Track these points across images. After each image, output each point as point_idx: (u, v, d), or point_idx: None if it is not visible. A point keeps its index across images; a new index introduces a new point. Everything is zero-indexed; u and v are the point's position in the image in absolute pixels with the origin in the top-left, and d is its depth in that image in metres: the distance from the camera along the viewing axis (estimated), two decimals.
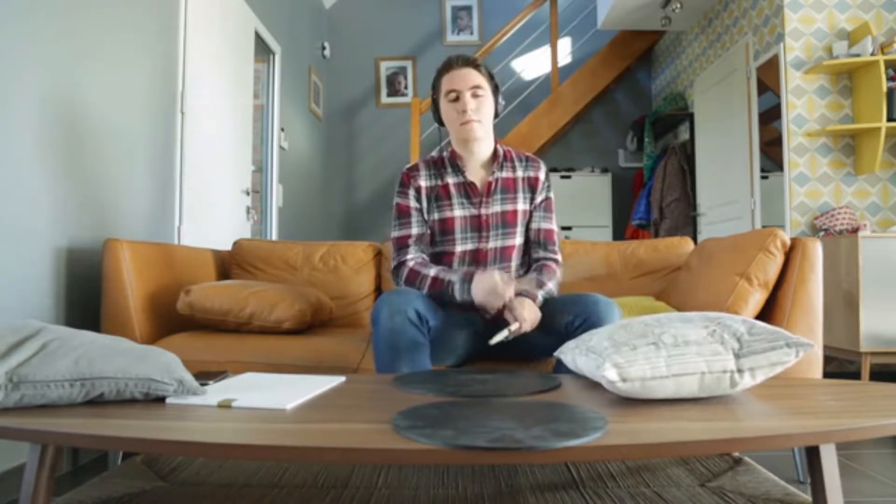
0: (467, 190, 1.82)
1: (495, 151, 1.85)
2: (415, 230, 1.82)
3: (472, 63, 1.77)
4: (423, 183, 1.83)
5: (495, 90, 1.82)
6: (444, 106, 1.79)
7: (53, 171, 1.91)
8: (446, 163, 1.84)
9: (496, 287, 1.62)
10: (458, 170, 1.82)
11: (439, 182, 1.83)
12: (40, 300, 1.84)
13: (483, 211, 1.81)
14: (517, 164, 1.87)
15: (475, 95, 1.75)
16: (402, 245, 1.81)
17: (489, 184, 1.82)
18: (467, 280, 1.67)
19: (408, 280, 1.75)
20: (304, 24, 4.99)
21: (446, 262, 1.81)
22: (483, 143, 1.82)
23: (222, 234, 3.17)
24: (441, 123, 1.86)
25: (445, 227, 1.81)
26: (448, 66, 1.79)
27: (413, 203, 1.82)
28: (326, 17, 5.77)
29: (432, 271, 1.74)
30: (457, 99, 1.76)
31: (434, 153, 1.92)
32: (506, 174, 1.84)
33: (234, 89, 3.42)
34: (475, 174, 1.84)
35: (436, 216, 1.81)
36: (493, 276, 1.63)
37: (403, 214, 1.83)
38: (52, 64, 1.91)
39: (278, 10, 4.33)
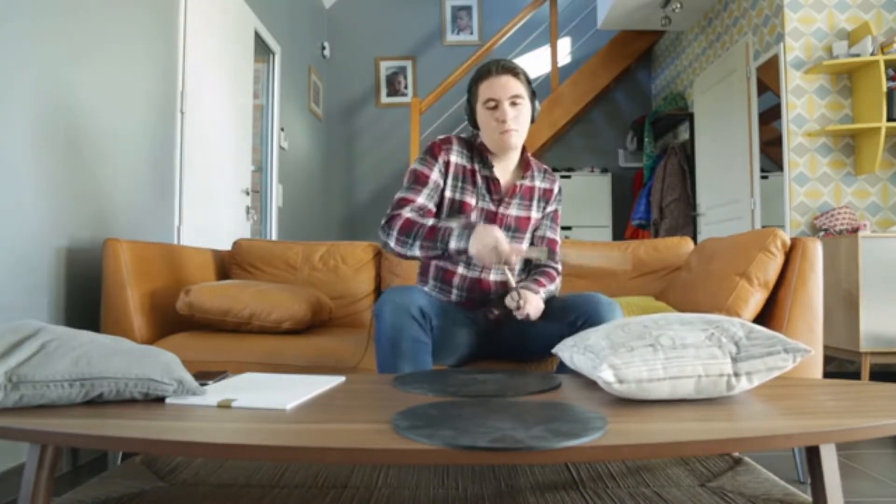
0: (490, 185, 1.80)
1: (523, 158, 1.84)
2: (421, 199, 1.73)
3: (511, 71, 1.72)
4: (455, 159, 1.78)
5: (532, 96, 1.77)
6: (482, 113, 1.75)
7: (53, 171, 1.91)
8: (477, 151, 1.81)
9: (498, 244, 1.53)
10: (487, 163, 1.79)
11: (468, 165, 1.79)
12: (40, 300, 1.84)
13: (501, 210, 1.80)
14: (536, 174, 1.87)
15: (514, 104, 1.71)
16: (401, 204, 1.72)
17: (513, 187, 1.81)
18: (467, 229, 1.59)
19: (401, 229, 1.65)
20: (303, 24, 4.99)
21: None
22: (517, 149, 1.80)
23: (222, 233, 3.17)
24: (476, 127, 1.82)
25: (462, 210, 1.77)
26: (487, 72, 1.73)
27: (435, 176, 1.75)
28: (326, 17, 5.77)
29: (430, 221, 1.66)
30: (495, 107, 1.71)
31: (465, 135, 1.88)
32: (527, 182, 1.84)
33: (234, 89, 3.41)
34: (502, 174, 1.82)
35: (456, 196, 1.77)
36: (496, 233, 1.55)
37: (419, 181, 1.74)
38: (52, 63, 1.91)
39: (278, 10, 4.33)
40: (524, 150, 1.85)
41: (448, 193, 1.78)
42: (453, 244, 1.58)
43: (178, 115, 2.76)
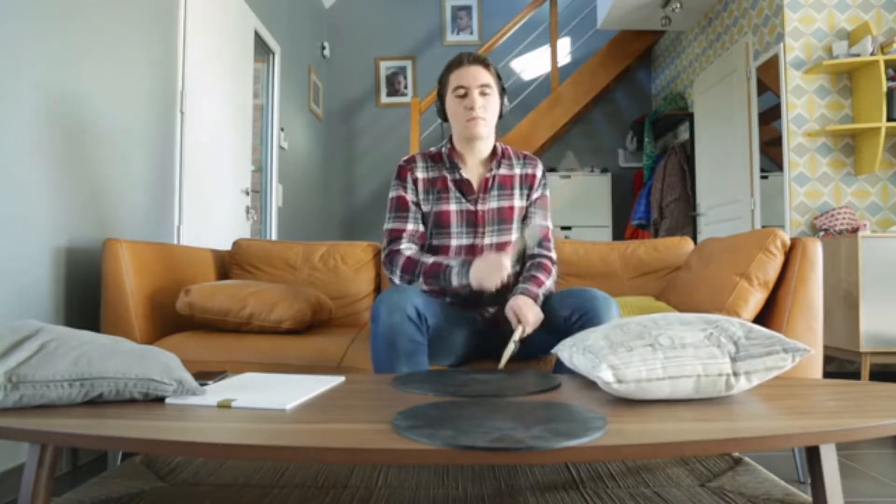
0: (462, 187, 1.82)
1: (494, 149, 1.86)
2: (410, 226, 1.82)
3: (482, 61, 1.78)
4: (420, 175, 1.83)
5: (502, 91, 1.83)
6: (451, 101, 1.80)
7: (53, 171, 1.91)
8: (444, 158, 1.85)
9: (492, 260, 1.62)
10: (455, 167, 1.83)
11: (436, 175, 1.83)
12: (40, 300, 1.84)
13: (479, 207, 1.81)
14: (515, 161, 1.88)
15: (483, 94, 1.76)
16: (395, 237, 1.81)
17: (486, 180, 1.83)
18: (465, 264, 1.68)
19: (404, 268, 1.75)
20: (303, 24, 4.99)
21: (443, 255, 1.81)
22: (485, 141, 1.83)
23: (222, 233, 3.16)
24: (444, 119, 1.87)
25: (441, 220, 1.81)
26: (458, 62, 1.79)
27: (411, 196, 1.83)
28: (326, 17, 5.77)
29: (430, 259, 1.74)
30: (465, 95, 1.76)
31: (433, 148, 1.92)
32: (504, 171, 1.85)
33: (234, 89, 3.41)
34: (473, 171, 1.84)
35: (432, 209, 1.82)
36: (489, 257, 1.65)
37: (401, 208, 1.83)
38: (52, 63, 1.91)
39: (278, 9, 4.33)
40: (496, 143, 1.88)
41: (425, 208, 1.83)
42: (455, 281, 1.68)
43: (178, 115, 2.76)
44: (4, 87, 1.71)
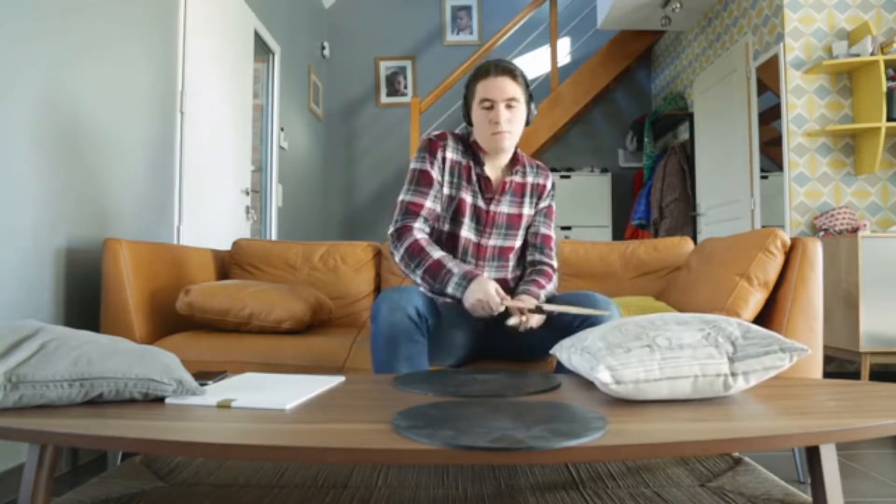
0: (482, 183, 1.80)
1: (514, 155, 1.84)
2: (429, 203, 1.76)
3: (510, 72, 1.72)
4: (450, 155, 1.79)
5: (529, 99, 1.78)
6: (477, 112, 1.76)
7: (53, 171, 1.91)
8: (470, 147, 1.82)
9: (490, 301, 1.58)
10: (479, 161, 1.80)
11: (463, 160, 1.80)
12: (40, 300, 1.84)
13: (492, 208, 1.80)
14: (528, 170, 1.87)
15: (509, 107, 1.72)
16: (411, 211, 1.75)
17: (504, 183, 1.81)
18: (466, 279, 1.64)
19: (409, 250, 1.69)
20: (303, 24, 4.99)
21: (450, 244, 1.79)
22: (508, 151, 1.81)
23: (222, 233, 3.17)
24: (470, 124, 1.83)
25: (458, 207, 1.78)
26: (486, 71, 1.73)
27: (436, 174, 1.77)
28: (326, 17, 5.77)
29: (437, 253, 1.69)
30: (491, 108, 1.72)
31: (459, 130, 1.89)
32: (518, 178, 1.84)
33: (233, 89, 3.41)
34: (493, 172, 1.83)
35: (453, 192, 1.79)
36: (489, 289, 1.59)
37: (423, 182, 1.76)
38: (52, 63, 1.91)
39: (278, 9, 4.33)
40: (515, 147, 1.85)
41: (445, 190, 1.79)
42: (450, 290, 1.64)
43: (178, 115, 2.76)
44: (4, 87, 1.71)
